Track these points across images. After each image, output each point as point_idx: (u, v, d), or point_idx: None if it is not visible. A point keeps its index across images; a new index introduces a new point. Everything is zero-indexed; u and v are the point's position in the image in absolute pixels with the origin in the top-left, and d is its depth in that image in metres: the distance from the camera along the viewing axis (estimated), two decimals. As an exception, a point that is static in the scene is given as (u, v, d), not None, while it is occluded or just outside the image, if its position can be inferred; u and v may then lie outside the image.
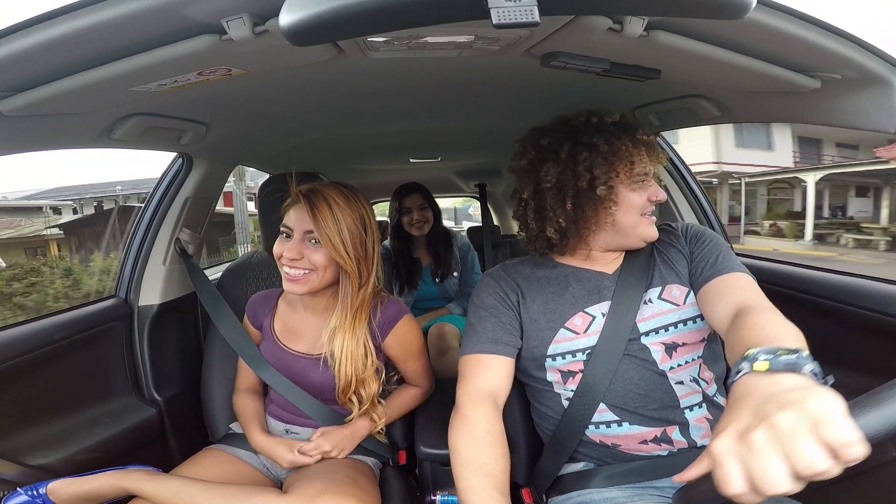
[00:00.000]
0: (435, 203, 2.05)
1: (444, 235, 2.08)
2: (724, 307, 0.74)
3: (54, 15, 0.57)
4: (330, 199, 0.92)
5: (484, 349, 0.85)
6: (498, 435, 0.78)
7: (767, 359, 0.47)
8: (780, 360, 0.46)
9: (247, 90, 0.92)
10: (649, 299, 0.86)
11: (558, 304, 0.88)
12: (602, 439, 0.84)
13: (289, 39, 0.48)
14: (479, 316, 0.89)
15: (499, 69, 0.91)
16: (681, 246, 0.91)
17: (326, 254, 0.93)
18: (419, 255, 2.06)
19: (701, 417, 0.82)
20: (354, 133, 1.57)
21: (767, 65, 0.77)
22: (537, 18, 0.46)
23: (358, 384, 0.98)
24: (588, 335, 0.85)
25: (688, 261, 0.89)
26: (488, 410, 0.79)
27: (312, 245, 0.94)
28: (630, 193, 0.84)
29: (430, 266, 2.05)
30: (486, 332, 0.87)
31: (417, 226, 1.97)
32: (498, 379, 0.84)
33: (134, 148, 1.09)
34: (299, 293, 0.96)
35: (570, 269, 0.92)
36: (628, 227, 0.86)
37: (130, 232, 1.39)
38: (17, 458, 0.95)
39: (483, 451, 0.75)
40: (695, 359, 0.84)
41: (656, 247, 0.92)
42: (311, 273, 0.94)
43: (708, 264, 0.84)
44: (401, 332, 1.03)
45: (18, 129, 0.79)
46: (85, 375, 1.17)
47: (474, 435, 0.77)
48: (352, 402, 0.99)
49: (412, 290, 2.01)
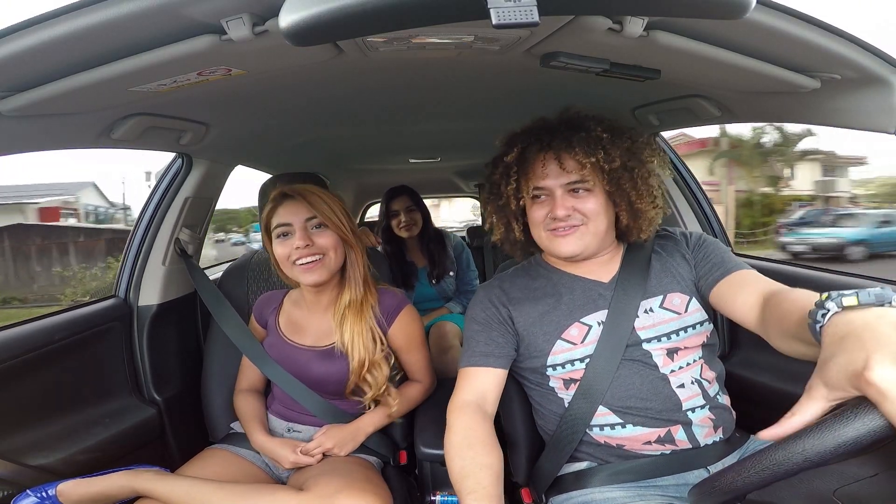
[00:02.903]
0: (423, 205, 2.06)
1: (436, 236, 2.08)
2: (747, 297, 0.77)
3: (54, 15, 0.57)
4: (312, 189, 1.01)
5: (475, 362, 0.88)
6: (477, 437, 0.79)
7: (854, 293, 0.47)
8: (869, 293, 0.47)
9: (247, 90, 0.92)
10: (650, 308, 0.86)
11: (554, 316, 0.87)
12: (606, 440, 0.84)
13: (289, 39, 0.48)
14: (473, 330, 0.92)
15: (499, 69, 0.91)
16: (684, 251, 0.91)
17: (331, 234, 0.99)
18: (413, 258, 2.07)
19: (705, 418, 0.82)
20: (354, 133, 1.57)
21: (767, 65, 0.77)
22: (537, 19, 0.46)
23: (371, 366, 1.00)
24: (585, 345, 0.85)
25: (692, 266, 0.89)
26: (466, 417, 0.81)
27: (317, 230, 0.99)
28: (531, 207, 0.88)
29: (426, 268, 2.05)
30: (479, 346, 0.89)
31: (405, 228, 1.99)
32: (485, 387, 0.86)
33: (134, 148, 1.09)
34: (320, 280, 1.00)
35: (564, 277, 0.92)
36: (537, 241, 0.90)
37: (130, 232, 1.39)
38: (17, 458, 0.95)
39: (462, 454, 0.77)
40: (696, 360, 0.85)
41: (656, 252, 0.92)
42: (323, 258, 0.99)
43: (715, 266, 0.85)
44: (404, 321, 1.06)
45: (18, 129, 0.79)
46: (85, 375, 1.17)
47: (453, 442, 0.79)
48: (366, 381, 1.01)
49: (409, 291, 2.01)
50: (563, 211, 0.83)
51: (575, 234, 0.84)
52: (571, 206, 0.83)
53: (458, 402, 0.85)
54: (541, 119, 0.91)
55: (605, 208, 0.85)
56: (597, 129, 0.84)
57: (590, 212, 0.84)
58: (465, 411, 0.82)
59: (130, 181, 35.05)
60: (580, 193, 0.84)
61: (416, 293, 2.02)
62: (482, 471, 0.73)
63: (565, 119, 0.88)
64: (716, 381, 0.87)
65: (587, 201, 0.84)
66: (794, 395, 0.47)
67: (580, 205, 0.84)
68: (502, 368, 0.88)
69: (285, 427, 1.07)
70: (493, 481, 0.73)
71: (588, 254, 0.88)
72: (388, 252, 2.04)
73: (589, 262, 0.91)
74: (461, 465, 0.75)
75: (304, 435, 1.05)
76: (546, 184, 0.84)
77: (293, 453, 0.97)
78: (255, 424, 1.04)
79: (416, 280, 2.03)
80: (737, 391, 0.93)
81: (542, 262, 0.96)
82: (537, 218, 0.87)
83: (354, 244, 1.03)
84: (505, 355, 0.88)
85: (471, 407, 0.83)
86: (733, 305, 0.79)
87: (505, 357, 0.88)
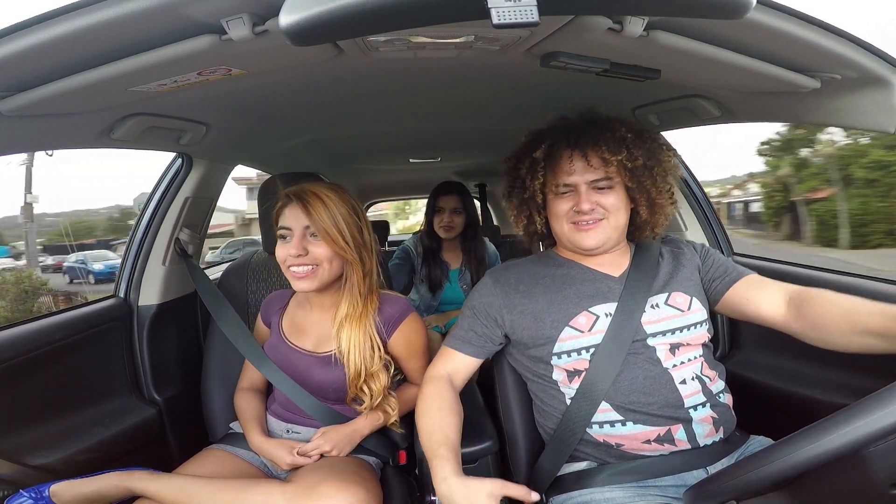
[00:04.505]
0: (472, 207, 1.98)
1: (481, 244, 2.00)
2: (770, 297, 0.85)
3: (54, 15, 0.57)
4: (321, 194, 0.95)
5: (455, 346, 0.96)
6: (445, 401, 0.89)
7: None
8: None
9: (247, 90, 0.92)
10: (657, 304, 0.89)
11: (562, 303, 0.89)
12: (606, 439, 0.84)
13: (289, 39, 0.48)
14: (464, 314, 0.98)
15: (499, 69, 0.91)
16: (692, 258, 0.96)
17: (327, 246, 0.96)
18: (448, 258, 2.00)
19: (706, 417, 0.82)
20: (354, 133, 1.57)
21: (767, 65, 0.77)
22: (537, 18, 0.46)
23: (367, 377, 0.99)
24: (593, 334, 0.86)
25: (700, 273, 0.95)
26: (437, 386, 0.92)
27: (314, 239, 0.96)
28: (554, 201, 0.91)
29: (459, 271, 1.99)
30: (461, 331, 0.97)
31: (445, 228, 1.92)
32: (456, 368, 0.96)
33: (134, 148, 1.09)
34: (310, 289, 0.98)
35: (575, 268, 0.94)
36: (559, 233, 0.93)
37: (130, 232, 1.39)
38: (17, 458, 0.95)
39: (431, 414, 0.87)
40: (696, 357, 0.87)
41: (664, 253, 0.96)
42: (316, 268, 0.97)
43: (726, 272, 0.93)
44: (406, 330, 1.04)
45: (18, 129, 0.79)
46: (85, 375, 1.17)
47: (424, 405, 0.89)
48: (363, 391, 1.00)
49: (437, 291, 1.95)
50: (587, 205, 0.87)
51: (598, 228, 0.89)
52: (595, 201, 0.88)
53: (432, 373, 0.96)
54: (563, 118, 0.94)
55: (624, 204, 0.90)
56: (621, 129, 0.88)
57: (611, 206, 0.88)
58: (437, 381, 0.93)
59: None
60: (603, 189, 0.89)
61: (443, 293, 1.96)
62: (448, 428, 0.83)
63: (590, 119, 0.92)
64: (718, 378, 0.88)
65: (609, 196, 0.88)
66: (793, 395, 0.47)
67: (603, 199, 0.88)
68: (474, 357, 0.95)
69: (284, 428, 1.07)
70: (456, 437, 0.83)
71: (608, 247, 0.92)
72: (426, 247, 1.97)
73: (601, 257, 0.94)
74: (429, 423, 0.85)
75: (303, 436, 1.05)
76: (573, 180, 0.88)
77: (290, 454, 0.97)
78: (253, 425, 1.04)
79: (447, 280, 1.96)
80: (737, 391, 0.93)
81: (554, 255, 0.99)
82: (561, 211, 0.90)
83: (354, 260, 0.97)
84: (481, 346, 0.95)
85: (443, 378, 0.93)
86: (756, 304, 0.86)
87: (481, 348, 0.95)
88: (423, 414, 0.88)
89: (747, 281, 0.90)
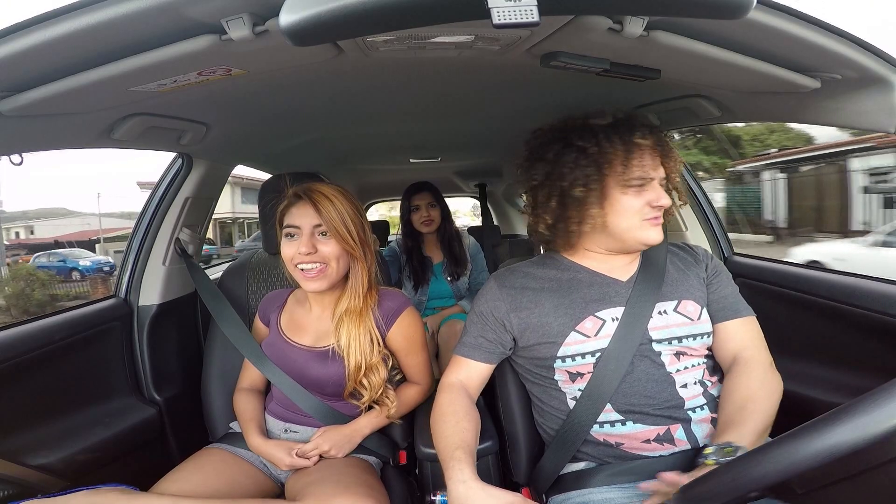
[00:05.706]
0: (444, 202, 2.11)
1: (456, 234, 2.13)
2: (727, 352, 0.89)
3: (54, 15, 0.57)
4: (328, 193, 0.98)
5: (463, 353, 0.95)
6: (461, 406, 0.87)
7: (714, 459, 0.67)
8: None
9: (247, 90, 0.92)
10: (665, 310, 0.88)
11: (568, 307, 0.88)
12: (606, 438, 0.84)
13: (289, 39, 0.48)
14: (471, 320, 0.96)
15: (499, 69, 0.91)
16: (700, 270, 0.95)
17: (336, 244, 0.97)
18: (430, 253, 2.12)
19: (706, 417, 0.83)
20: (354, 133, 1.57)
21: (767, 65, 0.77)
22: (537, 18, 0.46)
23: (367, 370, 1.00)
24: (599, 338, 0.85)
25: (706, 289, 0.93)
26: (451, 394, 0.90)
27: (323, 237, 0.98)
28: (622, 196, 0.85)
29: (442, 264, 2.09)
30: (469, 337, 0.95)
31: (426, 223, 2.04)
32: (469, 375, 0.94)
33: (134, 148, 1.09)
34: (321, 289, 0.99)
35: (581, 272, 0.93)
36: (621, 230, 0.86)
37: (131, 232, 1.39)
38: (17, 458, 0.95)
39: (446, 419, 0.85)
40: (699, 364, 0.87)
41: (671, 259, 0.94)
42: (325, 267, 0.98)
43: (727, 301, 0.92)
44: (404, 323, 1.05)
45: (18, 129, 0.79)
46: (85, 375, 1.17)
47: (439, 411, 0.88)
48: (363, 385, 1.00)
49: (425, 286, 2.05)
50: (665, 200, 0.86)
51: (660, 224, 0.88)
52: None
53: (446, 382, 0.94)
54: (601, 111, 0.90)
55: None
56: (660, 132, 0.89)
57: (667, 204, 0.87)
58: (451, 389, 0.91)
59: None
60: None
61: (430, 289, 2.05)
62: (465, 432, 0.82)
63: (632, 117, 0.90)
64: (718, 383, 0.88)
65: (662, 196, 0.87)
66: (793, 395, 0.47)
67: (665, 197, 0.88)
68: (486, 363, 0.94)
69: (283, 428, 1.07)
70: (473, 441, 0.81)
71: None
72: (407, 246, 2.10)
73: (611, 260, 0.92)
74: (444, 428, 0.84)
75: (301, 436, 1.05)
76: (646, 174, 0.85)
77: (289, 455, 0.97)
78: (252, 426, 1.04)
79: (432, 275, 2.07)
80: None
81: (560, 257, 0.96)
82: (634, 206, 0.85)
83: (360, 257, 1.00)
84: (492, 352, 0.93)
85: (455, 386, 0.92)
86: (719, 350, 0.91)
87: (492, 353, 0.93)
88: (438, 420, 0.86)
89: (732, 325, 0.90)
